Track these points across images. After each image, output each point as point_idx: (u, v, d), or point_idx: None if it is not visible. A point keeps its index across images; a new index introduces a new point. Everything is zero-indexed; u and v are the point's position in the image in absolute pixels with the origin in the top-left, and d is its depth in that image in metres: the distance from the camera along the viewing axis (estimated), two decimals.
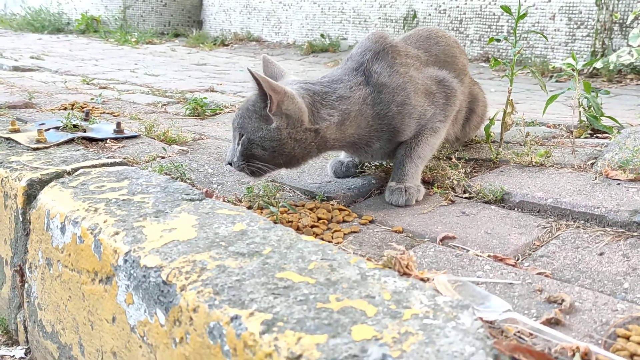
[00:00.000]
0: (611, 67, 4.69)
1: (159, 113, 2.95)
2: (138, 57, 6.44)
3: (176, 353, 0.84)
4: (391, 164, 1.52)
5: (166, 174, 1.45)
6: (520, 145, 1.73)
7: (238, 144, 1.29)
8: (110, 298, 1.00)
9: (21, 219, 1.34)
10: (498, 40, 1.55)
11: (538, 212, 1.20)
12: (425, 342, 0.67)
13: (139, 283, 0.92)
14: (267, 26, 8.38)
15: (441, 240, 1.09)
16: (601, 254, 0.98)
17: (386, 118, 1.30)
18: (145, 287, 0.90)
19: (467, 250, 1.04)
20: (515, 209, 1.23)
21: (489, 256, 1.01)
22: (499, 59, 1.57)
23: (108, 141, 1.86)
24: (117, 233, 1.03)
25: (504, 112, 1.54)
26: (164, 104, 3.36)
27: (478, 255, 1.01)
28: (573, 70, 2.01)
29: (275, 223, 1.05)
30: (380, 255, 1.04)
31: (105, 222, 1.07)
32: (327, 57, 7.04)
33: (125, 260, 0.96)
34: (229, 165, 1.32)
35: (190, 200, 1.18)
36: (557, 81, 4.66)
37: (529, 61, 5.37)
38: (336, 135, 1.26)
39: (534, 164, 1.44)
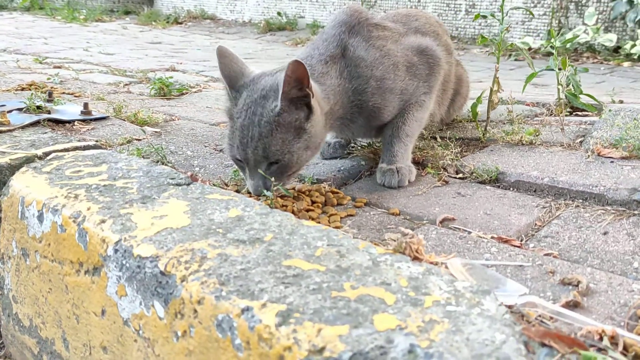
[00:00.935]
0: (568, 46, 4.77)
1: (122, 93, 2.86)
2: (89, 35, 6.24)
3: (178, 347, 0.80)
4: (378, 144, 1.49)
5: (144, 157, 1.40)
6: (504, 123, 1.73)
7: (268, 169, 1.16)
8: (98, 290, 0.95)
9: None
10: (484, 17, 1.53)
11: (534, 191, 1.20)
12: (452, 330, 0.65)
13: (132, 274, 0.87)
14: (221, 4, 8.23)
15: (441, 222, 1.07)
16: (605, 233, 0.98)
17: (365, 94, 1.26)
18: (140, 279, 0.86)
19: (469, 232, 1.02)
20: (511, 188, 1.23)
21: (492, 238, 0.99)
22: (459, 37, 1.56)
23: (76, 123, 1.77)
24: (103, 221, 0.97)
25: (491, 90, 1.53)
26: (126, 84, 3.26)
27: (481, 237, 1.00)
28: (530, 49, 2.01)
29: (271, 207, 1.02)
30: (381, 239, 1.02)
31: (88, 209, 1.02)
32: (285, 35, 6.97)
33: (116, 250, 0.91)
34: (259, 196, 1.18)
35: (177, 185, 1.13)
36: (515, 59, 4.72)
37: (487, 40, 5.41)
38: (332, 113, 1.23)
39: (523, 142, 1.44)
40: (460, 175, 1.29)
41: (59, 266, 1.05)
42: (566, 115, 1.90)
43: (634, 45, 4.70)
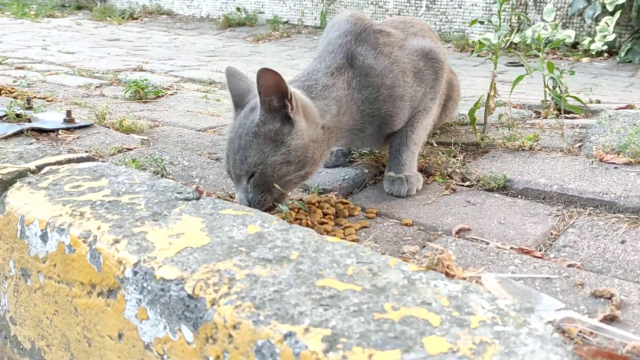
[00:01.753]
0: (528, 42, 4.88)
1: (96, 97, 2.80)
2: (42, 32, 6.11)
3: None
4: (378, 151, 1.49)
5: (142, 168, 1.36)
6: (497, 127, 1.75)
7: (249, 183, 1.14)
8: (114, 313, 0.92)
9: None
10: (482, 23, 1.54)
11: (543, 199, 1.21)
12: (505, 352, 0.65)
13: (155, 297, 0.85)
14: None
15: (457, 233, 1.07)
16: (623, 242, 1.00)
17: (377, 102, 1.26)
18: (164, 302, 0.84)
19: (487, 243, 1.03)
20: (520, 196, 1.24)
21: (511, 248, 1.00)
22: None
23: (60, 132, 1.72)
24: (117, 241, 0.94)
25: (488, 95, 1.55)
26: (97, 86, 3.20)
27: (500, 248, 1.00)
28: (489, 46, 2.02)
29: (289, 222, 1.00)
30: (400, 252, 1.01)
31: (98, 228, 0.99)
32: (245, 31, 6.95)
33: (135, 272, 0.88)
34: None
35: (185, 199, 1.11)
36: (478, 55, 4.80)
37: (448, 36, 5.50)
38: (337, 125, 1.21)
39: (523, 148, 1.45)
40: (468, 183, 1.29)
41: (66, 287, 1.01)
42: (554, 118, 1.93)
43: (592, 42, 4.83)
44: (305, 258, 0.87)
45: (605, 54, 4.95)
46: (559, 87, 2.01)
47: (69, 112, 1.80)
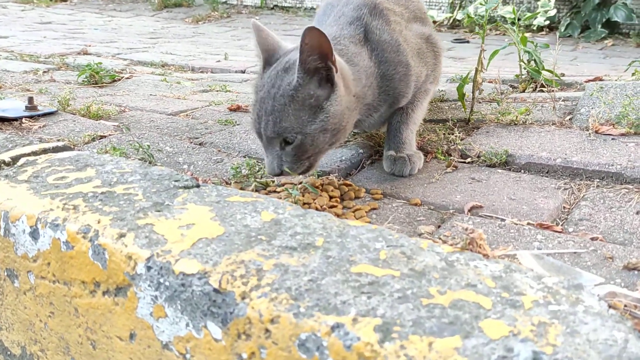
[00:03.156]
0: (473, 18, 4.96)
1: (46, 82, 2.68)
2: None
3: None
4: (369, 131, 1.46)
5: (126, 157, 1.29)
6: (479, 102, 1.74)
7: (282, 149, 1.11)
8: (124, 312, 0.87)
9: None
10: None
11: (547, 172, 1.21)
12: (567, 332, 0.63)
13: (174, 293, 0.80)
14: None
15: (469, 211, 1.06)
16: (638, 213, 1.00)
17: (393, 80, 1.23)
18: (185, 298, 0.79)
19: (503, 220, 1.02)
20: (522, 171, 1.23)
21: (528, 224, 0.99)
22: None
23: (23, 120, 1.62)
24: (122, 235, 0.89)
25: (476, 70, 1.53)
26: (45, 71, 3.07)
27: (517, 224, 0.99)
28: (435, 22, 2.02)
29: (301, 206, 0.96)
30: (416, 233, 0.99)
31: (98, 222, 0.93)
32: (183, 12, 6.84)
33: (149, 268, 0.83)
34: (276, 176, 1.15)
35: (185, 187, 1.05)
36: None
37: None
38: (363, 96, 1.18)
39: (515, 122, 1.45)
40: (469, 159, 1.28)
41: (64, 287, 0.95)
42: (531, 92, 1.95)
43: (534, 17, 4.95)
44: (331, 244, 0.83)
45: (546, 29, 5.07)
46: (534, 61, 2.03)
47: (30, 99, 1.70)
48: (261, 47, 1.18)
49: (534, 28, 4.89)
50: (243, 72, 3.34)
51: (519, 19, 5.49)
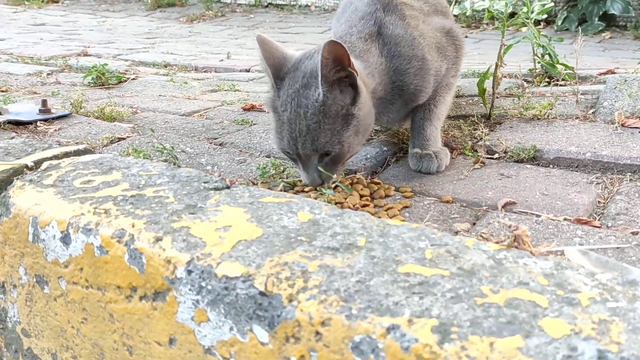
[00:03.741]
0: (467, 13, 4.95)
1: (52, 84, 2.67)
2: None
3: None
4: (393, 128, 1.45)
5: (148, 159, 1.28)
6: (497, 97, 1.73)
7: (320, 160, 1.13)
8: (163, 317, 0.86)
9: None
10: None
11: (577, 167, 1.20)
12: (630, 329, 0.62)
13: (217, 297, 0.79)
14: None
15: (503, 207, 1.05)
16: None
17: (407, 75, 1.22)
18: (229, 302, 0.78)
19: (539, 216, 1.01)
20: (551, 166, 1.23)
21: (565, 219, 0.98)
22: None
23: (38, 123, 1.61)
24: (158, 239, 0.88)
25: (496, 65, 1.53)
26: (49, 73, 3.06)
27: (553, 220, 0.99)
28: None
29: (336, 205, 0.95)
30: (452, 230, 0.98)
31: (133, 226, 0.92)
32: (177, 11, 6.84)
33: (189, 271, 0.82)
34: (318, 186, 1.14)
35: (215, 189, 1.04)
36: None
37: None
38: (375, 92, 1.19)
39: (538, 117, 1.44)
40: (496, 155, 1.27)
41: (98, 293, 0.94)
42: (545, 86, 1.94)
43: (531, 11, 4.95)
44: (374, 244, 0.83)
45: (543, 23, 5.07)
46: (549, 54, 2.02)
47: (44, 102, 1.69)
48: (268, 62, 1.18)
49: (532, 22, 4.89)
50: (248, 70, 3.33)
51: (514, 13, 5.50)
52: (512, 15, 5.12)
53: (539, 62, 2.03)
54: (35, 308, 1.05)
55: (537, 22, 4.95)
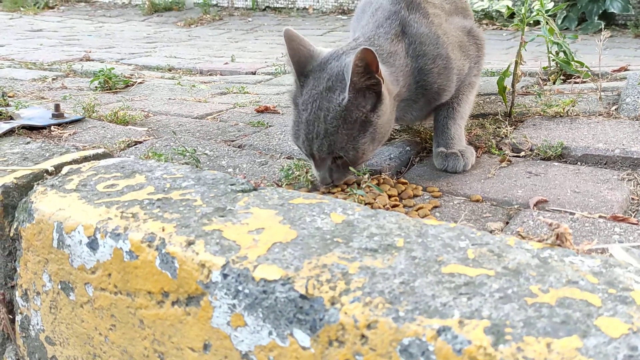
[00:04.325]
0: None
1: (58, 89, 2.66)
2: None
3: None
4: (415, 127, 1.44)
5: (171, 161, 1.27)
6: (517, 96, 1.72)
7: (333, 163, 1.13)
8: (197, 322, 0.85)
9: None
10: None
11: (606, 164, 1.19)
12: None
13: (255, 301, 0.78)
14: None
15: (535, 205, 1.04)
16: None
17: (431, 74, 1.21)
18: (268, 305, 0.77)
19: (573, 214, 1.00)
20: (579, 163, 1.21)
21: (600, 217, 0.97)
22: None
23: (52, 128, 1.59)
24: (190, 242, 0.86)
25: (516, 63, 1.52)
26: (54, 78, 3.05)
27: (588, 217, 0.97)
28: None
29: (370, 207, 0.94)
30: (485, 230, 0.97)
31: (163, 230, 0.90)
32: (174, 16, 6.86)
33: (225, 275, 0.81)
34: (328, 185, 1.17)
35: (243, 191, 1.03)
36: None
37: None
38: (399, 95, 1.17)
39: (561, 114, 1.43)
40: (522, 153, 1.26)
41: (127, 299, 0.93)
42: (561, 83, 1.93)
43: (529, 11, 4.96)
44: (413, 244, 0.81)
45: (540, 23, 5.07)
46: (564, 52, 2.00)
47: (57, 106, 1.67)
48: (292, 59, 1.17)
49: (531, 22, 4.89)
50: (254, 73, 3.31)
51: (513, 13, 5.53)
52: (512, 15, 5.13)
53: (553, 60, 2.02)
54: (60, 315, 1.04)
55: (536, 22, 4.97)
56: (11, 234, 1.11)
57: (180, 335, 0.87)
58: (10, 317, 1.14)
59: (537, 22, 5.18)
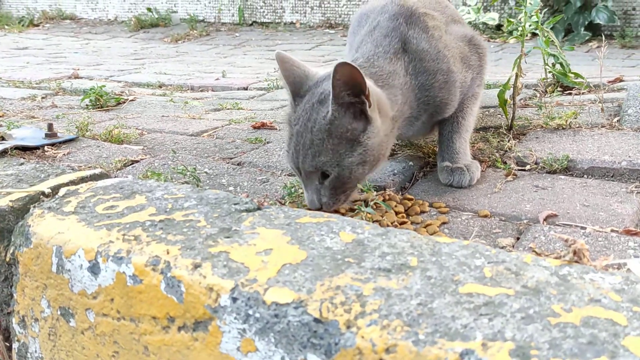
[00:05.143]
0: None
1: (49, 108, 2.63)
2: None
3: None
4: (417, 142, 1.43)
5: (169, 180, 1.24)
6: (518, 108, 1.72)
7: (321, 183, 1.09)
8: (205, 348, 0.82)
9: None
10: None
11: (613, 176, 1.18)
12: None
13: (266, 325, 0.75)
14: (80, 2, 8.05)
15: (545, 220, 1.02)
16: None
17: (432, 89, 1.20)
18: (280, 330, 0.74)
19: (584, 228, 0.98)
20: (586, 175, 1.21)
21: (612, 231, 0.96)
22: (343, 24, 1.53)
23: (46, 148, 1.57)
24: (197, 265, 0.84)
25: (516, 75, 1.51)
26: (43, 97, 3.03)
27: (600, 231, 0.96)
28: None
29: (380, 225, 0.92)
30: (497, 246, 0.95)
31: (167, 252, 0.88)
32: (161, 32, 6.87)
33: (234, 299, 0.78)
34: (317, 210, 1.10)
35: (247, 210, 1.01)
36: None
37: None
38: (401, 115, 1.15)
39: (563, 127, 1.43)
40: (527, 167, 1.25)
41: (131, 324, 0.90)
42: (558, 95, 1.93)
43: (514, 23, 5.01)
44: (427, 263, 0.79)
45: (530, 34, 5.11)
46: (560, 64, 2.01)
47: (50, 126, 1.65)
48: (287, 80, 1.15)
49: (528, 35, 4.92)
50: (246, 89, 3.30)
51: (500, 25, 5.54)
52: (499, 27, 5.15)
53: (549, 72, 2.03)
54: (60, 342, 1.01)
55: (532, 34, 5.01)
56: (7, 259, 1.08)
57: None
58: (7, 344, 1.11)
59: (534, 34, 5.20)
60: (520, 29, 1.97)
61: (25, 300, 1.05)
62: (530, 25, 1.84)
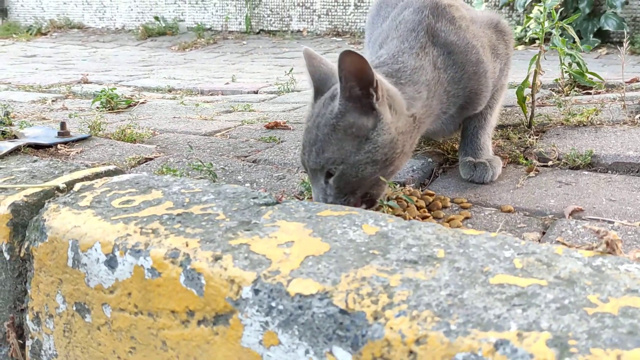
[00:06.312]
0: None
1: (59, 110, 2.64)
2: None
3: None
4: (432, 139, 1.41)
5: (187, 176, 1.23)
6: (538, 107, 1.70)
7: (326, 182, 1.04)
8: (226, 342, 0.80)
9: (7, 257, 1.07)
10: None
11: (638, 171, 1.16)
12: None
13: (290, 317, 0.74)
14: (88, 11, 8.05)
15: (571, 215, 1.00)
16: None
17: (462, 81, 1.17)
18: (304, 322, 0.73)
19: (612, 222, 0.96)
20: (610, 171, 1.19)
21: None
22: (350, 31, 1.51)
23: (58, 146, 1.56)
24: (217, 257, 0.82)
25: (535, 72, 1.49)
26: (53, 100, 3.03)
27: (628, 225, 0.94)
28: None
29: (404, 218, 0.90)
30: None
31: (186, 245, 0.86)
32: (168, 40, 6.91)
33: (256, 291, 0.77)
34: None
35: (266, 204, 0.99)
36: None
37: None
38: (428, 111, 1.11)
39: (584, 124, 1.41)
40: (550, 163, 1.23)
41: (149, 319, 0.88)
42: (575, 94, 1.91)
43: (523, 30, 4.98)
44: (454, 255, 0.77)
45: (537, 41, 5.09)
46: (577, 64, 1.99)
47: (63, 125, 1.64)
48: (312, 77, 1.12)
49: (526, 40, 4.89)
50: (256, 92, 3.29)
51: None
52: None
53: (566, 72, 2.01)
54: (75, 339, 0.99)
55: (532, 40, 4.98)
56: (22, 254, 1.06)
57: (207, 356, 0.83)
58: (20, 342, 1.09)
59: (533, 41, 5.15)
60: (530, 32, 1.96)
61: (39, 296, 1.04)
62: (548, 24, 1.82)
